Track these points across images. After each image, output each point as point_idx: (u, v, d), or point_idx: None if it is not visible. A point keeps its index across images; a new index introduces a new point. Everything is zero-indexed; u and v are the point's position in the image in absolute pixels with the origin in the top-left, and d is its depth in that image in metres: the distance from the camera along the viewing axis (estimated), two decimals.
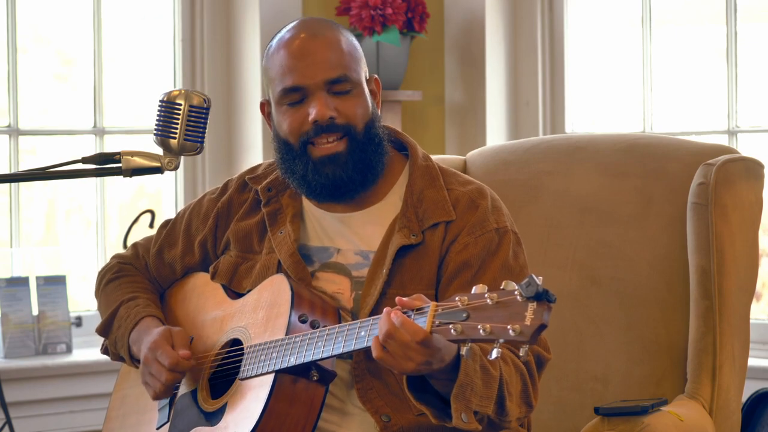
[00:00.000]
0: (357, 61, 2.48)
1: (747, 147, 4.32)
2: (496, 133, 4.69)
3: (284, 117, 2.46)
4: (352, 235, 2.49)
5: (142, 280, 2.69)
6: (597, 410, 2.52)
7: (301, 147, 2.44)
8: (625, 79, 4.64)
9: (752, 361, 3.63)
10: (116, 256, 2.75)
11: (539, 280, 1.94)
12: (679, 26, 4.58)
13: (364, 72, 2.49)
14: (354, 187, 2.46)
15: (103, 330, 2.63)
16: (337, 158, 2.43)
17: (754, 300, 2.92)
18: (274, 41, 2.50)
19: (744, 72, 4.36)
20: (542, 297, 1.94)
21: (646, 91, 4.54)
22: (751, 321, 2.86)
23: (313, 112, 2.42)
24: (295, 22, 2.52)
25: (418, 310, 2.08)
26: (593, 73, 4.73)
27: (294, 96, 2.44)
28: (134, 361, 2.57)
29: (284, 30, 2.51)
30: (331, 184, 2.44)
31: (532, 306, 1.95)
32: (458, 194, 2.48)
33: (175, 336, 2.47)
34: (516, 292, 1.96)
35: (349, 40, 2.49)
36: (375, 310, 2.37)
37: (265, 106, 2.55)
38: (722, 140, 4.37)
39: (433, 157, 2.64)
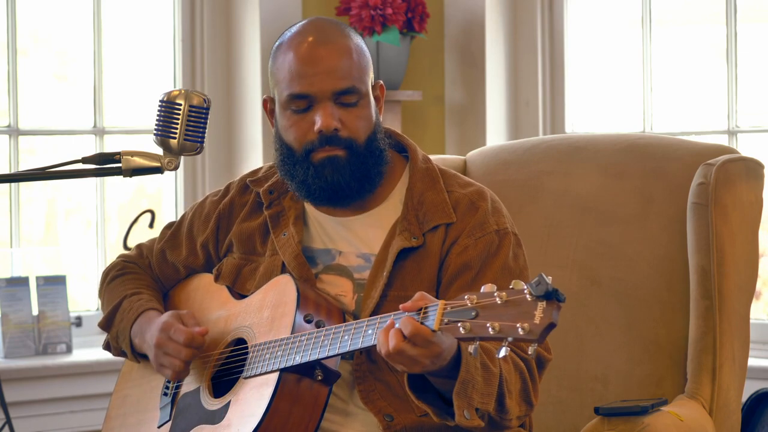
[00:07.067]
0: (366, 70, 2.46)
1: (747, 147, 4.33)
2: (496, 133, 4.69)
3: (289, 123, 2.46)
4: (354, 238, 2.49)
5: (146, 277, 2.69)
6: (597, 410, 2.52)
7: (304, 154, 2.44)
8: (625, 79, 4.64)
9: (752, 361, 3.63)
10: (120, 256, 2.76)
11: (549, 279, 1.94)
12: (679, 26, 4.58)
13: (370, 79, 2.49)
14: (351, 194, 2.45)
15: (106, 324, 2.64)
16: (336, 161, 2.43)
17: (754, 300, 2.92)
18: (283, 41, 2.48)
19: (744, 72, 4.36)
20: (552, 296, 1.94)
21: (646, 91, 4.54)
22: (751, 321, 2.86)
23: (318, 122, 2.41)
24: (304, 22, 2.50)
25: (423, 310, 2.08)
26: (593, 73, 4.73)
27: (300, 103, 2.44)
28: (135, 354, 2.57)
29: (293, 30, 2.49)
30: (330, 188, 2.44)
31: (541, 305, 1.95)
32: (458, 196, 2.48)
33: (183, 316, 2.48)
34: (525, 291, 1.96)
35: (359, 46, 2.47)
36: (376, 313, 2.37)
37: (267, 103, 2.54)
38: (722, 140, 4.37)
39: (433, 157, 2.64)
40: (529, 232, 2.88)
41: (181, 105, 2.23)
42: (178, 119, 2.23)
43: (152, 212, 4.33)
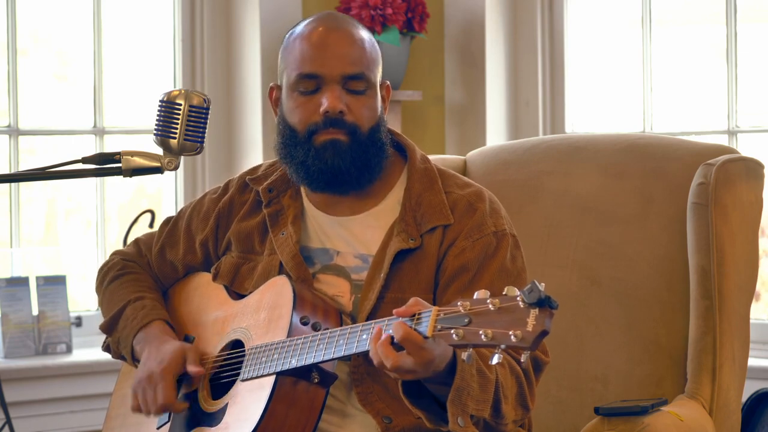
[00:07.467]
0: (375, 63, 2.48)
1: (747, 147, 4.33)
2: (496, 133, 4.69)
3: (295, 104, 2.46)
4: (352, 238, 2.48)
5: (146, 278, 2.69)
6: (597, 410, 2.52)
7: (307, 135, 2.44)
8: (625, 79, 4.64)
9: (752, 361, 3.63)
10: (118, 253, 2.74)
11: (542, 287, 1.94)
12: (679, 26, 4.58)
13: (379, 75, 2.49)
14: (350, 180, 2.45)
15: (108, 328, 2.63)
16: (338, 145, 2.42)
17: (754, 300, 2.92)
18: (294, 30, 2.49)
19: (744, 72, 4.36)
20: (544, 303, 1.94)
21: (646, 91, 4.54)
22: (751, 321, 2.86)
23: (325, 103, 2.41)
24: (316, 15, 2.51)
25: (417, 316, 2.08)
26: (593, 73, 4.73)
27: (309, 84, 2.44)
28: (135, 360, 2.57)
29: (305, 21, 2.50)
30: (330, 171, 2.43)
31: (534, 312, 1.94)
32: (456, 197, 2.47)
33: (188, 352, 2.46)
34: (518, 298, 1.96)
35: (371, 40, 2.49)
36: (373, 314, 2.37)
37: (273, 91, 2.54)
38: (722, 140, 4.37)
39: (433, 157, 2.64)
40: (529, 232, 2.88)
41: (181, 105, 2.23)
42: (178, 119, 2.23)
43: (152, 212, 4.33)
